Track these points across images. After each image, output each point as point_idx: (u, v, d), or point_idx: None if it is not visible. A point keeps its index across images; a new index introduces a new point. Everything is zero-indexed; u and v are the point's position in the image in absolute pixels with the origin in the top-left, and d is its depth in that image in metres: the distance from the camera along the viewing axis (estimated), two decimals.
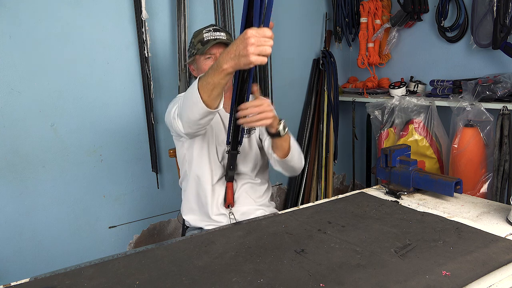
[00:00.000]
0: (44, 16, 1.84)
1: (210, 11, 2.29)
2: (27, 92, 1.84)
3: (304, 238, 1.04)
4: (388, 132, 2.41)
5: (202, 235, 1.10)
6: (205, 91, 1.07)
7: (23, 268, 1.92)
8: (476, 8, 2.08)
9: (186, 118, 1.17)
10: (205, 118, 1.14)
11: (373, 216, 1.19)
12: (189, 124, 1.19)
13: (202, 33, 1.45)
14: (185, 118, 1.18)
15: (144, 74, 2.08)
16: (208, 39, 1.42)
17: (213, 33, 1.44)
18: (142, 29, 2.03)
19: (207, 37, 1.43)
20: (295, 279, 0.84)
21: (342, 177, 3.25)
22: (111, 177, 2.13)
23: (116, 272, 0.91)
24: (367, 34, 2.66)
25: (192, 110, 1.12)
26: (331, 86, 2.75)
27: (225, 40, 1.43)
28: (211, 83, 1.05)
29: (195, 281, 0.86)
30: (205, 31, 1.45)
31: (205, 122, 1.17)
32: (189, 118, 1.16)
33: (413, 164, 1.38)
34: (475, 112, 1.97)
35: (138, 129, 2.17)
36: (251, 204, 1.51)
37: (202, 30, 1.47)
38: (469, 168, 2.01)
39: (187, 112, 1.15)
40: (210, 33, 1.44)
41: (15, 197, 1.88)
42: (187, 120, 1.17)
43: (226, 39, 1.45)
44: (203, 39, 1.44)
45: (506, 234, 1.04)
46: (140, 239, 2.28)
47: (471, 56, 2.24)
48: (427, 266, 0.87)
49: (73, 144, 2.00)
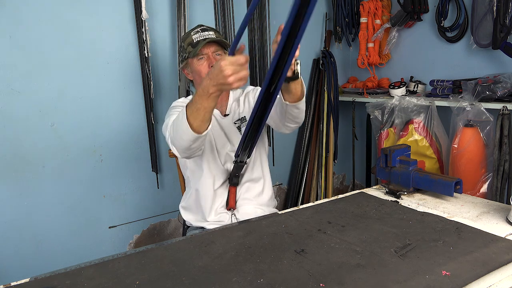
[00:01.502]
0: (44, 16, 1.84)
1: (210, 11, 2.29)
2: (27, 92, 1.84)
3: (304, 238, 1.04)
4: (388, 132, 2.41)
5: (202, 235, 1.10)
6: (195, 117, 1.13)
7: (23, 268, 1.92)
8: (476, 8, 2.08)
9: (179, 146, 1.24)
10: (196, 143, 1.20)
11: (373, 216, 1.19)
12: (183, 150, 1.24)
13: (191, 35, 1.44)
14: (178, 146, 1.24)
15: (144, 74, 2.08)
16: (198, 40, 1.40)
17: (202, 33, 1.42)
18: (142, 29, 2.03)
19: (196, 38, 1.41)
20: (295, 279, 0.84)
21: (342, 177, 3.25)
22: (111, 177, 2.13)
23: (116, 272, 0.91)
24: (367, 34, 2.66)
25: (183, 138, 1.18)
26: (331, 86, 2.75)
27: (215, 39, 1.41)
28: (201, 108, 1.11)
29: (195, 281, 0.86)
30: (193, 33, 1.44)
31: (197, 146, 1.22)
32: (182, 146, 1.22)
33: (413, 164, 1.38)
34: (475, 112, 1.97)
35: (138, 129, 2.17)
36: (251, 204, 1.51)
37: (190, 33, 1.45)
38: (469, 168, 2.02)
39: (179, 140, 1.21)
40: (198, 34, 1.42)
41: (15, 197, 1.88)
42: (180, 147, 1.23)
43: (216, 37, 1.43)
44: (192, 41, 1.42)
45: (506, 234, 1.04)
46: (140, 239, 2.28)
47: (471, 56, 2.24)
48: (427, 266, 0.87)
49: (73, 144, 2.00)
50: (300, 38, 0.88)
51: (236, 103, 1.53)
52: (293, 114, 1.28)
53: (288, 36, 0.87)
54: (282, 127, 1.37)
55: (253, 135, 1.23)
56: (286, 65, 0.95)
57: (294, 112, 1.26)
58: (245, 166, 1.48)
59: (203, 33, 1.42)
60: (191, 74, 1.49)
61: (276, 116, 1.34)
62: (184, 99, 1.55)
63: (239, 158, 1.38)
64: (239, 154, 1.36)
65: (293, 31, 0.85)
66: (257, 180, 1.54)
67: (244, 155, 1.36)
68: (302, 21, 0.83)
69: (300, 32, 0.86)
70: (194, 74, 1.47)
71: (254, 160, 1.52)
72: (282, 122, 1.33)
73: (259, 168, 1.55)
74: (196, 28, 1.46)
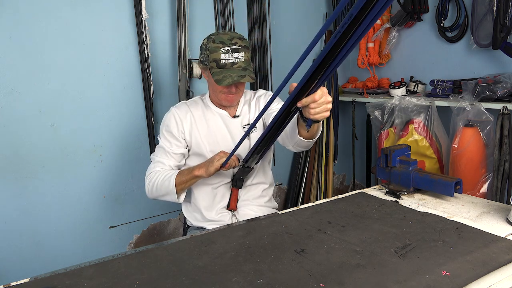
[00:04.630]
0: (44, 16, 1.84)
1: (210, 11, 2.29)
2: (27, 92, 1.84)
3: (304, 238, 1.04)
4: (388, 132, 2.41)
5: (202, 235, 1.10)
6: (184, 188, 1.42)
7: (23, 268, 1.92)
8: (476, 8, 2.08)
9: (153, 197, 1.48)
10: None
11: (373, 216, 1.19)
12: (153, 199, 1.50)
13: (219, 51, 1.32)
14: (152, 197, 1.48)
15: (144, 74, 2.08)
16: (225, 63, 1.32)
17: (232, 54, 1.32)
18: (142, 29, 2.03)
19: (224, 59, 1.32)
20: (295, 279, 0.84)
21: (342, 177, 3.25)
22: (111, 177, 2.13)
23: (116, 272, 0.91)
24: (367, 34, 2.66)
25: (164, 198, 1.45)
26: (331, 86, 2.75)
27: (241, 77, 1.31)
28: (187, 186, 1.42)
29: (195, 281, 0.86)
30: (222, 50, 1.32)
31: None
32: (157, 199, 1.48)
33: (413, 164, 1.38)
34: (475, 112, 1.97)
35: (138, 129, 2.17)
36: (252, 205, 1.52)
37: (220, 48, 1.32)
38: (469, 168, 2.01)
39: (157, 197, 1.47)
40: (227, 55, 1.32)
41: (15, 197, 1.88)
42: (154, 199, 1.49)
43: (244, 59, 1.34)
44: (219, 60, 1.32)
45: (506, 234, 1.04)
46: (140, 239, 2.28)
47: (471, 56, 2.24)
48: (427, 266, 0.87)
49: (73, 144, 1.99)
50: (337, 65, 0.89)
51: (247, 106, 1.52)
52: (304, 145, 1.30)
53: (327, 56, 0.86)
54: (290, 147, 1.38)
55: (267, 143, 1.24)
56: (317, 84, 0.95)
57: (305, 144, 1.28)
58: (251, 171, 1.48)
59: (233, 55, 1.32)
60: (207, 78, 1.44)
61: (286, 139, 1.35)
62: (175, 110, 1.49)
63: (247, 164, 1.38)
64: (248, 160, 1.35)
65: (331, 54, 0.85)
66: (259, 182, 1.54)
67: (253, 161, 1.37)
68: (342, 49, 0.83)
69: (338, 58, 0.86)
70: (210, 83, 1.43)
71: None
72: (291, 145, 1.36)
73: (262, 171, 1.55)
74: (227, 45, 1.33)
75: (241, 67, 1.34)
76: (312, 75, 0.91)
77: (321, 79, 0.92)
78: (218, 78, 1.32)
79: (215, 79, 1.33)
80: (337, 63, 0.87)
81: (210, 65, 1.35)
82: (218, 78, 1.32)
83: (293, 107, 1.04)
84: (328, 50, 0.83)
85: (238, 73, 1.32)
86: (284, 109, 1.05)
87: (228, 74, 1.31)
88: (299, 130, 1.21)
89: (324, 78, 0.93)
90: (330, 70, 0.89)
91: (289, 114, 1.08)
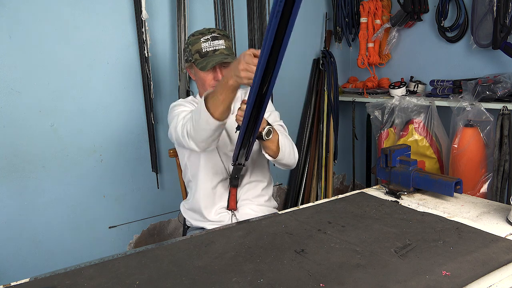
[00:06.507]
0: (44, 16, 1.84)
1: (210, 11, 2.29)
2: (27, 92, 1.84)
3: (304, 238, 1.04)
4: (388, 132, 2.41)
5: (202, 235, 1.10)
6: (217, 106, 1.15)
7: (23, 268, 1.92)
8: (476, 8, 2.08)
9: (200, 138, 1.23)
10: (217, 131, 1.22)
11: (373, 216, 1.19)
12: (204, 142, 1.25)
13: (200, 42, 1.36)
14: (198, 139, 1.24)
15: (144, 74, 2.08)
16: (207, 51, 1.35)
17: (212, 42, 1.35)
18: (142, 29, 2.03)
19: (205, 48, 1.35)
20: (295, 279, 0.84)
21: (342, 177, 3.25)
22: (111, 177, 2.13)
23: (116, 272, 0.91)
24: (367, 34, 2.66)
25: (206, 129, 1.19)
26: (331, 86, 2.75)
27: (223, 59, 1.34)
28: (220, 99, 1.13)
29: (195, 281, 0.86)
30: (202, 40, 1.36)
31: (217, 135, 1.25)
32: (204, 137, 1.22)
33: (413, 164, 1.38)
34: (475, 112, 1.97)
35: (138, 129, 2.17)
36: (252, 205, 1.51)
37: (200, 38, 1.37)
38: (469, 168, 2.01)
39: (201, 133, 1.21)
40: (208, 43, 1.35)
41: (15, 197, 1.88)
42: (202, 140, 1.24)
43: (225, 47, 1.37)
44: (201, 49, 1.36)
45: (506, 234, 1.04)
46: (140, 239, 2.28)
47: (471, 56, 2.24)
48: (427, 266, 0.87)
49: (73, 144, 2.00)
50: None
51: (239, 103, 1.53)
52: (280, 165, 1.38)
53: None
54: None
55: (249, 138, 1.23)
56: (277, 63, 0.98)
57: (279, 164, 1.35)
58: (244, 168, 1.48)
59: (213, 42, 1.35)
60: (195, 76, 1.48)
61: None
62: (182, 100, 1.54)
63: (237, 161, 1.38)
64: (237, 157, 1.35)
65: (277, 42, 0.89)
66: (257, 181, 1.54)
67: (241, 157, 1.36)
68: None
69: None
70: (197, 79, 1.46)
71: (255, 162, 1.51)
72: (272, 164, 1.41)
73: (260, 169, 1.55)
74: (206, 34, 1.38)
75: (223, 54, 1.37)
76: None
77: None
78: (203, 65, 1.35)
79: (200, 67, 1.35)
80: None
81: (193, 57, 1.38)
82: (203, 65, 1.35)
83: (264, 88, 1.03)
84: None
85: (221, 56, 1.35)
86: (256, 93, 1.03)
87: (211, 59, 1.34)
88: (262, 148, 1.34)
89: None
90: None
91: (262, 98, 1.06)
